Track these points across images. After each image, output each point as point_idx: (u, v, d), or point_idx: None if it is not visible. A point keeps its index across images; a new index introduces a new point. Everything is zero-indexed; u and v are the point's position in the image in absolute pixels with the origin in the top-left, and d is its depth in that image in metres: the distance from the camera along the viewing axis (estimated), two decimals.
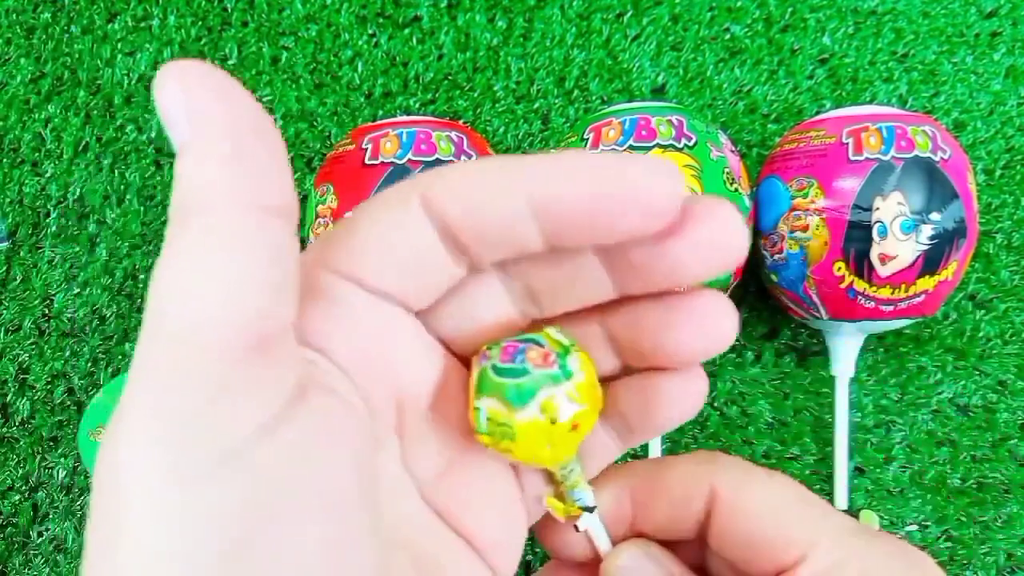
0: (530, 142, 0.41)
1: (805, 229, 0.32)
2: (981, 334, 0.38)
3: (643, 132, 0.31)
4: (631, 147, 0.31)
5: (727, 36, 0.42)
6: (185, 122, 0.13)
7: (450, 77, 0.42)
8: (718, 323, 0.17)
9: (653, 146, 0.31)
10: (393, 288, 0.17)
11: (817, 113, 0.37)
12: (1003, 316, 0.38)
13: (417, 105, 0.42)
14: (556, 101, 0.41)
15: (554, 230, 0.15)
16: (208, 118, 0.13)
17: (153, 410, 0.12)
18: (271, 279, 0.13)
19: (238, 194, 0.13)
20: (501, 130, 0.41)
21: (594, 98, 0.41)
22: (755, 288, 0.38)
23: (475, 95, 0.42)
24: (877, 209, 0.31)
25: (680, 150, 0.31)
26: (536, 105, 0.41)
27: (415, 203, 0.16)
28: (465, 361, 0.19)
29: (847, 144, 0.32)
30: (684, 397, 0.18)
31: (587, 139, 0.32)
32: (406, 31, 0.42)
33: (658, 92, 0.41)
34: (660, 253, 0.16)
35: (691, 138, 0.31)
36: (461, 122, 0.41)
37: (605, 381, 0.19)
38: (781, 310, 0.37)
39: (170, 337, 0.12)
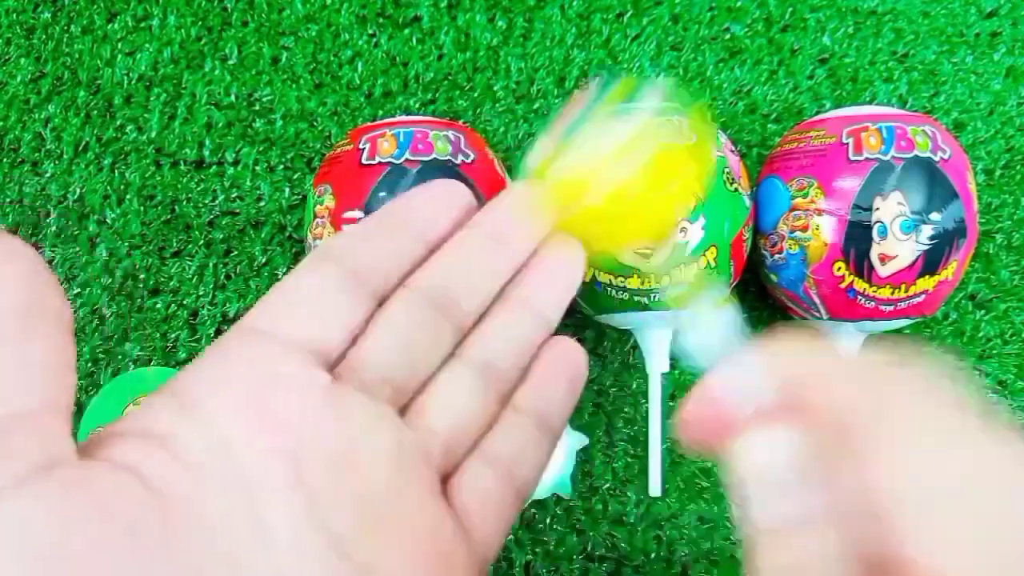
0: (530, 142, 0.41)
1: (805, 229, 0.32)
2: (981, 334, 0.38)
3: None
4: None
5: (727, 36, 0.42)
6: None
7: (450, 77, 0.42)
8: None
9: None
10: (297, 331, 0.19)
11: (817, 113, 0.37)
12: (1003, 316, 0.38)
13: (417, 105, 0.42)
14: (556, 101, 0.41)
15: (435, 231, 0.22)
16: None
17: None
18: None
19: None
20: (501, 130, 0.41)
21: None
22: (755, 288, 0.38)
23: (475, 95, 0.42)
24: (877, 209, 0.31)
25: None
26: (536, 105, 0.41)
27: (318, 261, 0.20)
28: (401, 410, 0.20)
29: (847, 144, 0.32)
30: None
31: None
32: (406, 31, 0.42)
33: None
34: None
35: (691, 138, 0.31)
36: (461, 122, 0.41)
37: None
38: (781, 310, 0.37)
39: None
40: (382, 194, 0.31)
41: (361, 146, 0.32)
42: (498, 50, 0.42)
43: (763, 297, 0.38)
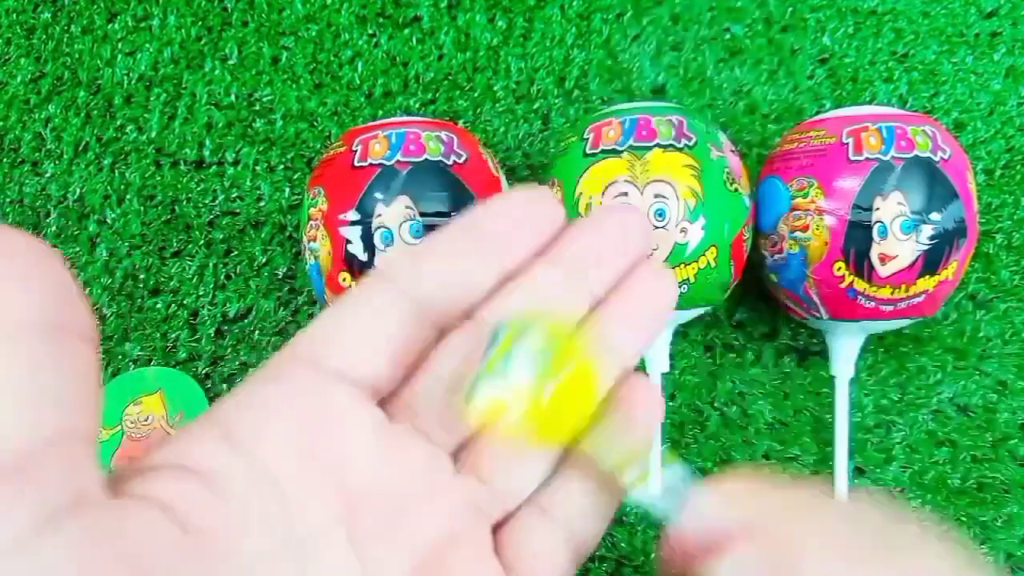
0: (530, 142, 0.41)
1: (805, 229, 0.32)
2: (981, 334, 0.38)
3: (643, 132, 0.31)
4: (631, 147, 0.31)
5: (727, 36, 0.42)
6: None
7: (450, 77, 0.42)
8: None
9: (653, 146, 0.31)
10: (350, 362, 0.18)
11: (817, 113, 0.37)
12: (1003, 316, 0.38)
13: (417, 105, 0.42)
14: (556, 101, 0.41)
15: (511, 258, 0.20)
16: None
17: None
18: (17, 398, 0.13)
19: None
20: (501, 130, 0.41)
21: (594, 98, 0.41)
22: (755, 288, 0.38)
23: (475, 95, 0.42)
24: (877, 209, 0.31)
25: (680, 150, 0.31)
26: (536, 105, 0.41)
27: (378, 284, 0.19)
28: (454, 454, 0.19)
29: (847, 144, 0.32)
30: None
31: (587, 139, 0.32)
32: (406, 31, 0.42)
33: (658, 92, 0.41)
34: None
35: (691, 138, 0.31)
36: (461, 122, 0.41)
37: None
38: (781, 310, 0.37)
39: None
40: (374, 195, 0.31)
41: (354, 148, 0.32)
42: (498, 50, 0.42)
43: (763, 297, 0.38)
